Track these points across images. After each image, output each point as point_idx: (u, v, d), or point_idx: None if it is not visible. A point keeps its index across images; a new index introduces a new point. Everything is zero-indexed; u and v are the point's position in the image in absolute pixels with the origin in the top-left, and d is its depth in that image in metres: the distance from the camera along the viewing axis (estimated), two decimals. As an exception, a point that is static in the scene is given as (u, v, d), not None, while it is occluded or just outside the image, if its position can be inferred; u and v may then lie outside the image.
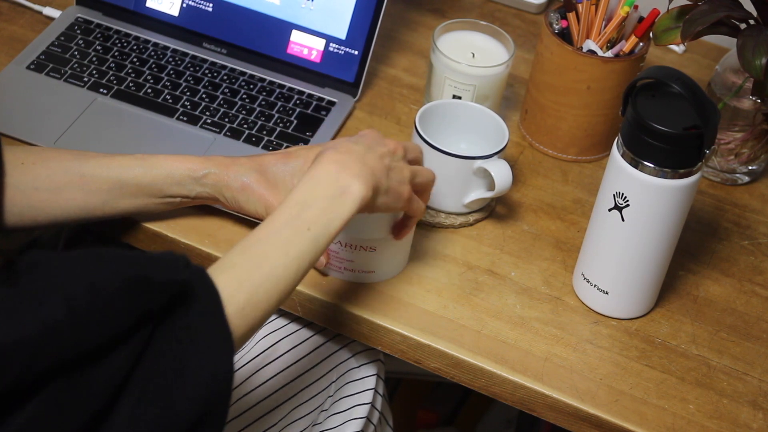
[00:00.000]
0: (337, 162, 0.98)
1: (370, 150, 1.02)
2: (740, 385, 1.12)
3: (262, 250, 0.93)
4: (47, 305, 0.78)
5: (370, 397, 1.22)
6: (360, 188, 0.97)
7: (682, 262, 1.23)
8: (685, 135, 1.04)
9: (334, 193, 0.97)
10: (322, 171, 0.98)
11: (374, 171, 1.00)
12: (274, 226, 0.94)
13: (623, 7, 1.26)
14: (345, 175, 0.97)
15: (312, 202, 0.95)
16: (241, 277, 0.90)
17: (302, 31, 1.36)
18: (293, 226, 0.94)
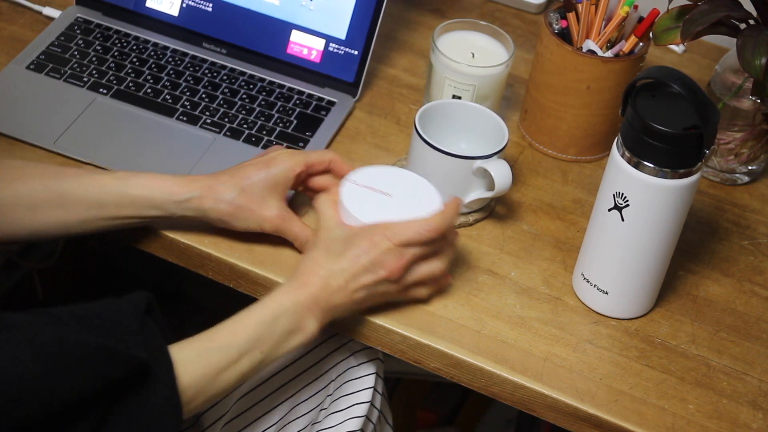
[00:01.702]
0: (312, 298, 1.03)
1: (355, 279, 1.05)
2: (740, 385, 1.12)
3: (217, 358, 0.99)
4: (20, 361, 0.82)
5: (369, 395, 1.22)
6: (314, 330, 1.04)
7: (682, 262, 1.23)
8: (685, 135, 1.04)
9: (293, 328, 1.03)
10: (296, 302, 1.03)
11: (341, 309, 1.06)
12: (233, 338, 1.00)
13: (623, 7, 1.26)
14: (308, 315, 1.03)
15: (273, 332, 1.01)
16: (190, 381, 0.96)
17: (302, 31, 1.36)
18: (249, 345, 1.00)
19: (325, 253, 1.06)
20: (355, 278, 1.05)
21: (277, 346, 1.02)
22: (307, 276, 1.04)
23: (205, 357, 0.98)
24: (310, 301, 1.03)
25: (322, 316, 1.04)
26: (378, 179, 1.13)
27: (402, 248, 1.06)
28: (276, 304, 1.02)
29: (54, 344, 0.85)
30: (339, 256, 1.05)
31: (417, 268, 1.09)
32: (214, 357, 0.98)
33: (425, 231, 1.07)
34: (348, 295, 1.05)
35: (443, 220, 1.08)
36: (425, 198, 1.13)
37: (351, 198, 1.11)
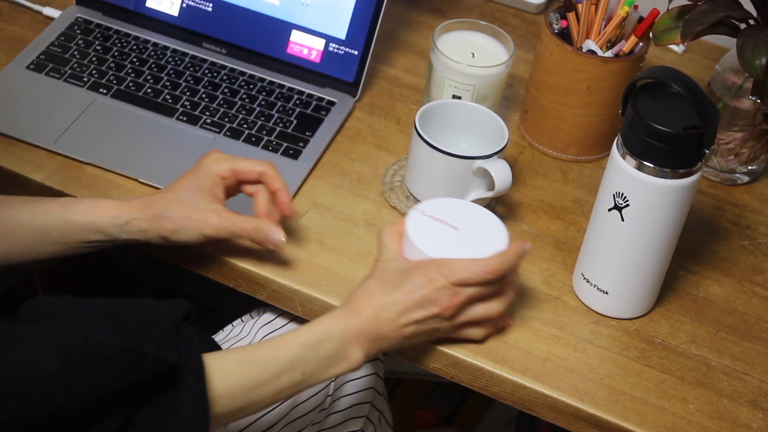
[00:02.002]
0: (361, 328, 1.03)
1: (406, 313, 1.04)
2: (740, 385, 1.12)
3: (257, 371, 0.98)
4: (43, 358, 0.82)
5: (369, 396, 1.22)
6: (359, 360, 1.03)
7: (682, 262, 1.23)
8: (685, 135, 1.04)
9: (337, 355, 1.02)
10: (344, 330, 1.02)
11: (389, 342, 1.05)
12: (276, 354, 1.00)
13: (623, 7, 1.26)
14: (355, 344, 1.02)
15: (317, 354, 1.01)
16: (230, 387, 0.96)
17: (302, 31, 1.36)
18: (291, 364, 1.00)
19: (380, 284, 1.05)
20: (406, 312, 1.04)
21: (319, 370, 1.01)
22: (359, 305, 1.04)
23: (245, 368, 0.98)
24: (358, 331, 1.02)
25: (369, 347, 1.03)
26: (445, 211, 1.11)
27: (457, 287, 1.05)
28: (323, 328, 1.02)
29: (78, 343, 0.85)
30: (393, 289, 1.04)
31: (471, 308, 1.07)
32: (254, 369, 0.98)
33: (482, 272, 1.05)
34: (397, 329, 1.04)
35: (502, 263, 1.06)
36: (492, 234, 1.10)
37: (416, 228, 1.09)
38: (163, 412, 0.89)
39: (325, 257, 1.18)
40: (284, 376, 0.99)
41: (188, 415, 0.90)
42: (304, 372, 1.00)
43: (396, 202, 1.24)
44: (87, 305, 0.91)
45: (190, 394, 0.91)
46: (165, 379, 0.89)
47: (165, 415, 0.89)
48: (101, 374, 0.85)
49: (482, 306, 1.08)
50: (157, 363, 0.88)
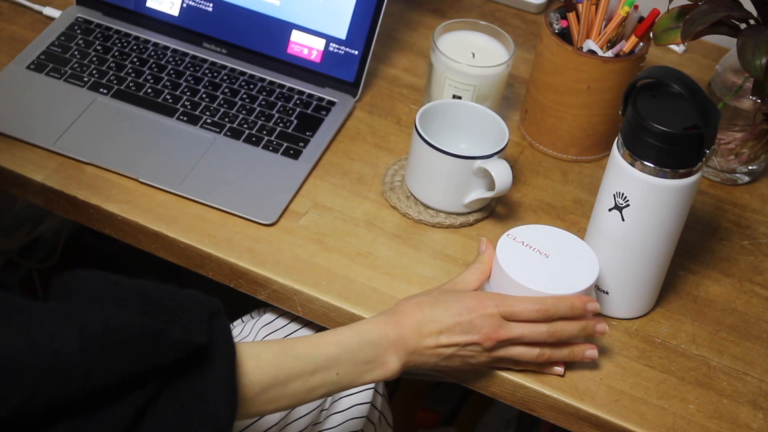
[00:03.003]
0: (400, 337, 1.02)
1: (448, 333, 1.03)
2: (740, 385, 1.12)
3: (291, 364, 0.97)
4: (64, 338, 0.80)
5: (369, 396, 1.22)
6: (394, 369, 1.02)
7: (682, 262, 1.23)
8: (685, 135, 1.04)
9: (374, 360, 1.01)
10: (382, 336, 1.02)
11: (425, 359, 1.04)
12: (314, 351, 0.99)
13: (623, 7, 1.26)
14: (393, 353, 1.02)
15: (354, 356, 1.00)
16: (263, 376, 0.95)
17: (302, 31, 1.36)
18: (328, 362, 0.99)
19: (431, 300, 1.05)
20: (448, 332, 1.03)
21: (355, 373, 1.01)
22: (404, 316, 1.03)
23: (280, 360, 0.97)
24: (397, 340, 1.02)
25: (406, 358, 1.03)
26: (537, 237, 1.10)
27: (504, 321, 1.04)
28: (364, 332, 1.02)
29: (100, 324, 0.83)
30: (444, 307, 1.04)
31: (512, 347, 1.06)
32: (289, 363, 0.97)
33: (533, 307, 1.04)
34: (436, 347, 1.03)
35: (555, 305, 1.05)
36: (583, 264, 1.09)
37: (506, 254, 1.08)
38: (189, 394, 0.87)
39: (325, 257, 1.18)
40: (319, 374, 0.98)
41: (216, 398, 0.89)
42: (339, 373, 1.00)
43: (396, 202, 1.24)
44: (122, 284, 0.90)
45: (219, 378, 0.89)
46: (194, 362, 0.88)
47: (191, 397, 0.87)
48: (122, 355, 0.83)
49: (523, 348, 1.06)
50: (183, 344, 0.86)
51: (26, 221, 1.67)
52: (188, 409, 0.87)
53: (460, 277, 1.10)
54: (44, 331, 0.81)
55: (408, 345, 1.03)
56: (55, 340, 0.81)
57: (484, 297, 1.05)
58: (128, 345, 0.84)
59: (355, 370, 1.01)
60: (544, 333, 1.05)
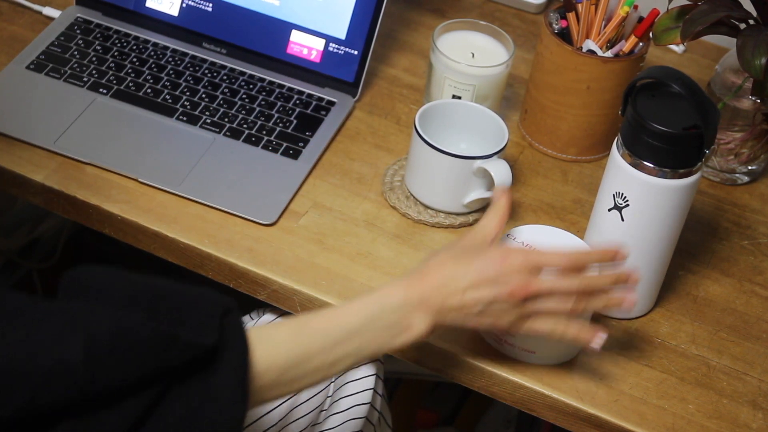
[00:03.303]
0: (424, 296, 0.98)
1: (475, 288, 0.99)
2: (740, 385, 1.12)
3: (309, 342, 0.95)
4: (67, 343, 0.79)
5: (369, 397, 1.22)
6: (423, 329, 0.99)
7: (682, 262, 1.23)
8: (685, 135, 1.04)
9: (399, 325, 0.98)
10: (406, 298, 0.98)
11: (452, 317, 1.00)
12: (333, 324, 0.96)
13: (623, 7, 1.26)
14: (416, 313, 0.98)
15: (375, 325, 0.97)
16: (277, 358, 0.93)
17: (302, 31, 1.36)
18: (348, 335, 0.96)
19: (454, 256, 1.01)
20: (475, 287, 0.99)
21: (379, 340, 0.97)
22: (427, 274, 0.99)
23: (297, 338, 0.94)
24: (422, 298, 0.98)
25: (434, 317, 0.98)
26: (537, 238, 1.09)
27: (533, 273, 1.00)
28: (384, 297, 0.98)
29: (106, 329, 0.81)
30: (467, 263, 0.99)
31: (543, 301, 1.01)
32: (306, 341, 0.94)
33: (563, 259, 1.00)
34: (463, 304, 0.99)
35: (585, 255, 1.02)
36: None
37: None
38: (197, 395, 0.85)
39: (325, 257, 1.18)
40: (339, 348, 0.95)
41: (225, 398, 0.86)
42: (361, 343, 0.96)
43: (396, 202, 1.24)
44: (133, 281, 0.88)
45: (228, 378, 0.87)
46: (204, 362, 0.86)
47: (199, 397, 0.85)
48: (129, 360, 0.82)
49: (555, 301, 1.01)
50: (193, 347, 0.85)
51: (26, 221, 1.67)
52: (196, 409, 0.85)
53: (478, 226, 1.05)
54: (49, 335, 0.80)
55: (433, 305, 0.99)
56: (58, 346, 0.80)
57: (510, 250, 1.01)
58: (135, 350, 0.82)
59: (378, 337, 0.97)
60: (575, 285, 1.01)
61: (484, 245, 1.03)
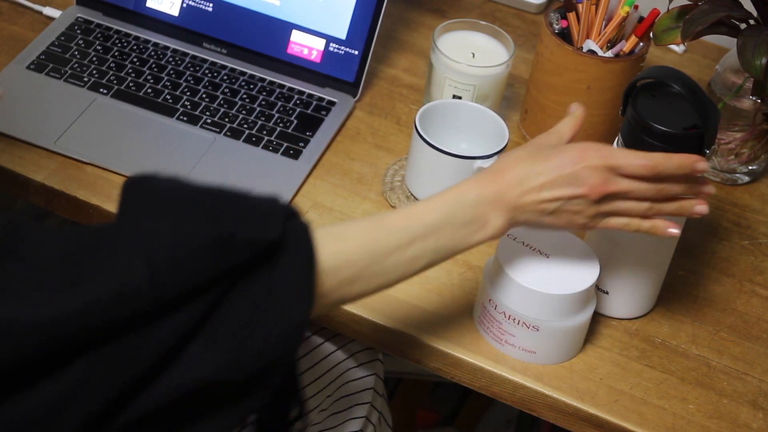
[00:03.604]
0: (500, 193, 0.97)
1: (552, 186, 0.98)
2: (740, 385, 1.12)
3: (385, 238, 0.94)
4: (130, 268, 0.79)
5: (369, 396, 1.22)
6: (498, 227, 0.98)
7: (682, 262, 1.23)
8: (686, 135, 1.04)
9: (475, 221, 0.97)
10: (481, 194, 0.97)
11: (528, 214, 0.99)
12: (409, 220, 0.95)
13: (623, 7, 1.26)
14: (492, 210, 0.97)
15: (452, 221, 0.96)
16: (351, 256, 0.91)
17: (302, 31, 1.36)
18: (424, 231, 0.95)
19: (529, 154, 0.99)
20: (552, 186, 0.98)
21: (457, 237, 0.96)
22: (503, 171, 0.98)
23: (373, 234, 0.93)
24: (497, 196, 0.97)
25: (509, 214, 0.97)
26: (537, 238, 1.09)
27: (610, 173, 0.98)
28: (461, 194, 0.97)
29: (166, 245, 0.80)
30: (544, 160, 0.98)
31: (620, 201, 1.00)
32: (382, 236, 0.93)
33: (641, 162, 0.98)
34: (539, 202, 0.98)
35: (665, 161, 0.99)
36: (583, 264, 1.08)
37: (507, 254, 1.07)
38: (261, 290, 0.84)
39: (326, 257, 1.18)
40: (416, 244, 0.94)
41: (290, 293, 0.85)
42: (438, 239, 0.95)
43: (396, 202, 1.24)
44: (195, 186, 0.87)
45: (292, 271, 0.86)
46: (267, 260, 0.85)
47: (263, 292, 0.84)
48: (191, 271, 0.81)
49: (631, 201, 1.00)
50: (254, 243, 0.83)
51: (26, 221, 1.67)
52: (258, 306, 0.84)
53: (554, 128, 1.04)
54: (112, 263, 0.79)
55: (509, 201, 0.97)
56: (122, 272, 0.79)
57: (588, 148, 0.99)
58: (197, 258, 0.81)
59: (455, 234, 0.96)
60: (651, 189, 1.00)
61: (560, 144, 1.02)
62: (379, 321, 1.12)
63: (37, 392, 0.77)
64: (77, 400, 0.77)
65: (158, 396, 0.80)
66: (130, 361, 0.79)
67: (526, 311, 1.06)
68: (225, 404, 0.84)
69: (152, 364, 0.80)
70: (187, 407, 0.83)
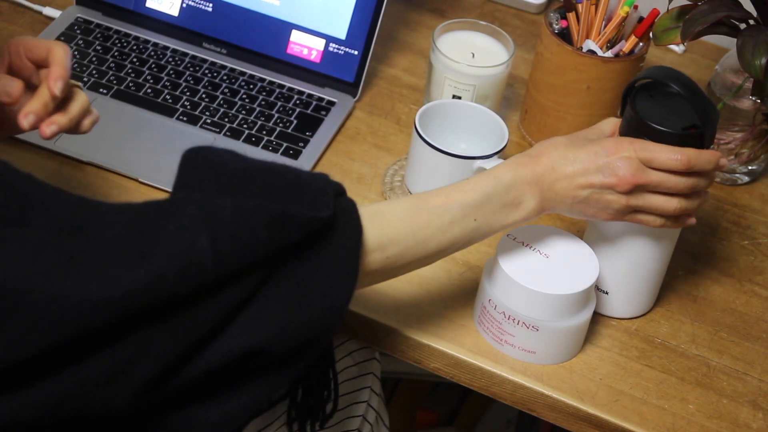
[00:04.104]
0: (535, 176, 1.01)
1: (584, 174, 1.02)
2: (740, 385, 1.12)
3: (428, 218, 0.98)
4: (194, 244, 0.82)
5: (366, 395, 1.22)
6: (532, 209, 1.02)
7: (682, 262, 1.23)
8: (685, 135, 1.04)
9: (511, 201, 1.01)
10: (517, 176, 1.01)
11: (560, 199, 1.03)
12: (449, 200, 0.99)
13: (623, 7, 1.26)
14: (529, 191, 1.01)
15: (490, 200, 1.00)
16: (395, 235, 0.96)
17: (302, 31, 1.36)
18: (465, 211, 0.99)
19: (567, 141, 1.03)
20: (585, 173, 1.02)
21: (494, 217, 1.00)
22: (539, 155, 1.02)
23: (416, 214, 0.97)
24: (532, 179, 1.01)
25: (541, 197, 1.02)
26: (537, 237, 1.09)
27: (642, 165, 1.02)
28: (499, 174, 1.01)
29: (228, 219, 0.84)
30: (579, 148, 1.02)
31: (651, 195, 1.04)
32: (425, 216, 0.97)
33: (674, 156, 1.01)
34: (571, 188, 1.02)
35: (697, 156, 1.02)
36: (583, 264, 1.08)
37: (507, 254, 1.07)
38: (309, 268, 0.88)
39: (325, 257, 1.18)
40: (457, 224, 0.98)
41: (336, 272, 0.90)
42: (477, 219, 0.99)
43: (396, 202, 1.24)
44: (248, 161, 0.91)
45: (340, 251, 0.90)
46: (318, 236, 0.89)
47: (310, 270, 0.88)
48: (251, 247, 0.84)
49: (661, 197, 1.04)
50: (309, 221, 0.87)
51: (26, 221, 1.67)
52: (307, 283, 0.88)
53: (595, 126, 1.08)
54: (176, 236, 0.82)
55: (543, 184, 1.01)
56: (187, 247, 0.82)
57: (622, 140, 1.03)
58: (257, 235, 0.85)
59: (493, 214, 1.00)
60: (682, 183, 1.03)
61: (599, 137, 1.06)
62: (379, 320, 1.12)
63: (98, 359, 0.80)
64: (136, 367, 0.81)
65: (209, 361, 0.84)
66: (188, 331, 0.83)
67: (525, 311, 1.06)
68: (266, 373, 0.89)
69: (207, 333, 0.84)
70: (231, 373, 0.87)
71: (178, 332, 0.82)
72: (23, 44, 1.03)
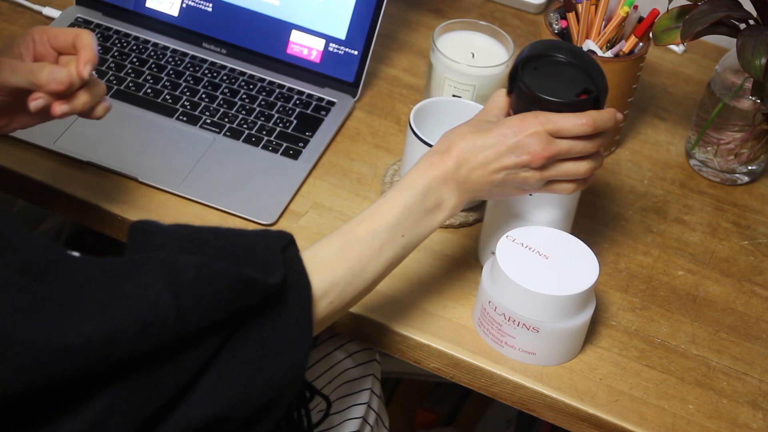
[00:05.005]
0: (448, 173, 1.01)
1: (497, 158, 1.02)
2: (740, 385, 1.12)
3: (360, 250, 0.98)
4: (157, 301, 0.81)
5: (366, 397, 1.22)
6: (453, 205, 1.02)
7: (682, 262, 1.23)
8: (584, 101, 1.04)
9: (433, 205, 1.01)
10: (431, 179, 1.01)
11: (478, 188, 1.03)
12: (374, 225, 0.99)
13: (623, 7, 1.26)
14: (446, 189, 1.02)
15: (412, 212, 1.00)
16: (335, 278, 0.96)
17: (302, 31, 1.36)
18: (391, 231, 0.99)
19: (472, 128, 1.03)
20: (497, 157, 1.02)
21: (420, 226, 1.01)
22: (448, 150, 1.02)
23: (348, 251, 0.97)
24: (447, 176, 1.01)
25: (459, 191, 1.02)
26: (537, 239, 1.09)
27: (551, 137, 1.02)
28: (414, 182, 1.01)
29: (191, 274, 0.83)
30: (485, 133, 1.02)
31: (562, 164, 1.04)
32: (356, 250, 0.97)
33: (579, 122, 1.02)
34: (487, 174, 1.02)
35: (599, 116, 1.03)
36: (582, 265, 1.08)
37: (506, 255, 1.07)
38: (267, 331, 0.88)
39: (325, 257, 1.18)
40: (387, 246, 0.99)
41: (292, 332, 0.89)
42: (405, 234, 1.00)
43: (396, 202, 1.24)
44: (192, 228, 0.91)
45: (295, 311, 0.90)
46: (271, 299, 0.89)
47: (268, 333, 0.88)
48: (213, 305, 0.84)
49: (572, 163, 1.04)
50: (266, 287, 0.87)
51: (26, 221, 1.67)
52: (265, 346, 0.88)
53: (489, 100, 1.08)
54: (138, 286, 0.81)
55: (459, 178, 1.02)
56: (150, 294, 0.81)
57: (526, 116, 1.03)
58: (219, 294, 0.84)
59: (418, 223, 1.01)
60: (589, 145, 1.04)
61: (500, 116, 1.06)
62: (379, 321, 1.12)
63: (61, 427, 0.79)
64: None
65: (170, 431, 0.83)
66: (150, 396, 0.82)
67: (525, 313, 1.06)
68: None
69: (168, 399, 0.83)
70: None
71: (140, 398, 0.81)
72: (47, 32, 1.05)
